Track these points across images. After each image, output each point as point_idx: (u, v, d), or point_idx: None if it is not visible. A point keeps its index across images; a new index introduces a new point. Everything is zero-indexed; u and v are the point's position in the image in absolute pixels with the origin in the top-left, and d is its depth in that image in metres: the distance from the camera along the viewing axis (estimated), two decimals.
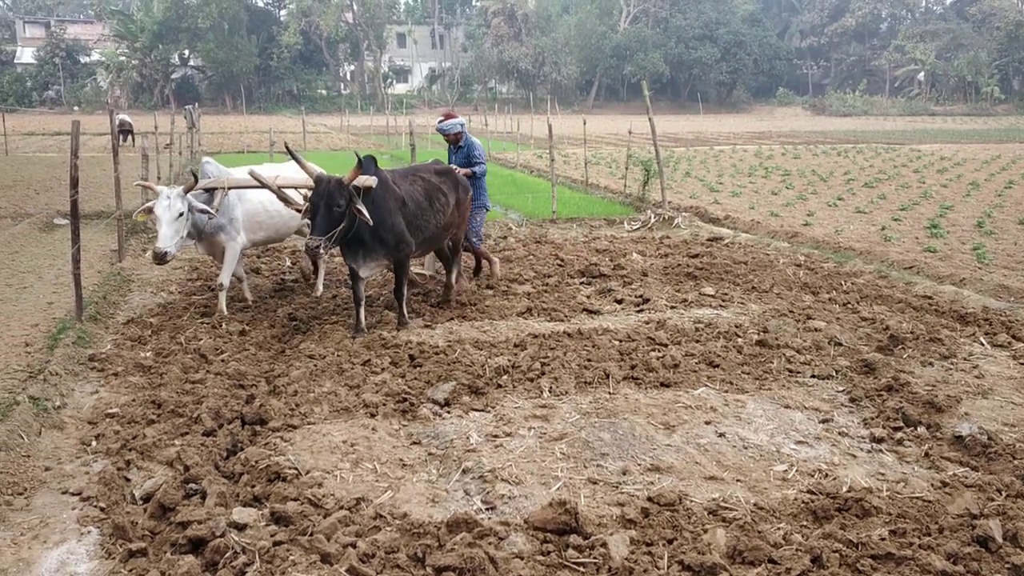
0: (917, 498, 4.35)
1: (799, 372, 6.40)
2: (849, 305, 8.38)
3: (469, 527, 3.94)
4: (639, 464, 4.78)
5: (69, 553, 3.91)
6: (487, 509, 4.29)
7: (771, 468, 4.76)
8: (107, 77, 71.15)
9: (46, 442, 5.12)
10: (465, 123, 9.29)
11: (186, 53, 72.62)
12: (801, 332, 7.35)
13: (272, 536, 3.89)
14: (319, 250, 6.59)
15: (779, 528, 4.03)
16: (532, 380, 6.13)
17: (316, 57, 76.16)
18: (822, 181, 20.46)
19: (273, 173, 7.78)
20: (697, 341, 7.11)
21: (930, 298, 8.63)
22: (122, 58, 70.28)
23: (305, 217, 7.08)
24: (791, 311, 8.06)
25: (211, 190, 7.63)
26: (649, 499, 4.31)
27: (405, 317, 7.61)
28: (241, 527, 3.97)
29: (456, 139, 9.12)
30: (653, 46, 76.16)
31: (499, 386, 6.03)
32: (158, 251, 7.13)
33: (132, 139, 27.64)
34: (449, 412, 5.59)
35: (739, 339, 7.14)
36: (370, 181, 6.87)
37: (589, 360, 6.52)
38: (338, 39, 74.53)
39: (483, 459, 4.82)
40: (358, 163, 6.77)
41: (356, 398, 5.71)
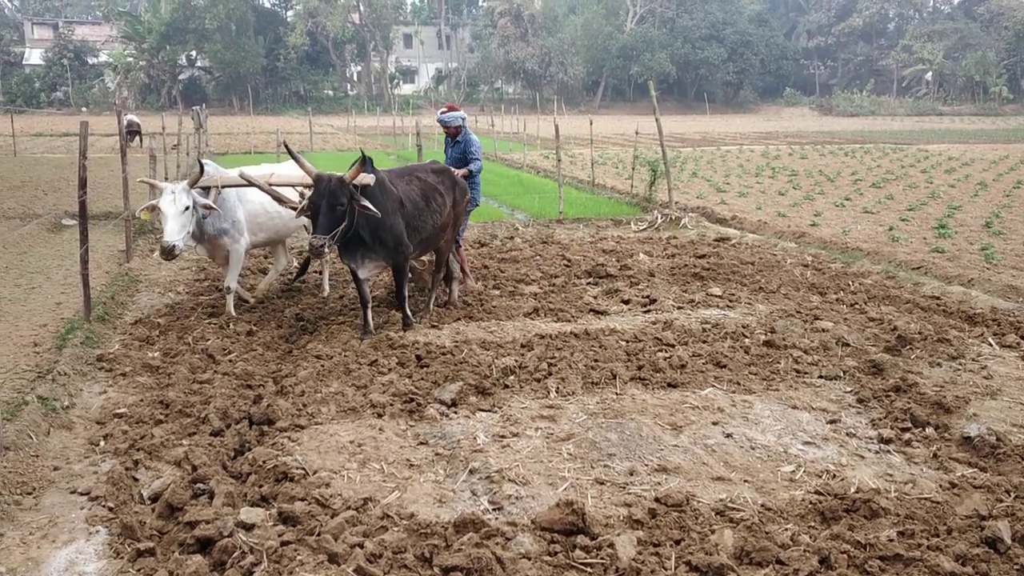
0: (925, 499, 4.34)
1: (806, 373, 6.39)
2: (857, 306, 8.36)
3: (476, 527, 3.94)
4: (646, 465, 4.77)
5: (78, 552, 3.92)
6: (494, 509, 4.29)
7: (779, 469, 4.76)
8: (115, 78, 71.38)
9: (55, 442, 5.14)
10: (467, 117, 9.24)
11: (193, 54, 72.80)
12: (808, 333, 7.33)
13: (280, 536, 3.90)
14: (324, 249, 6.58)
15: (787, 529, 4.02)
16: (539, 380, 6.13)
17: (323, 58, 76.28)
18: (829, 181, 20.41)
19: (267, 172, 7.78)
20: (704, 341, 7.10)
21: (938, 298, 8.60)
22: (130, 59, 70.52)
23: (302, 215, 7.08)
24: (798, 312, 8.04)
25: (207, 189, 7.62)
26: (656, 500, 4.31)
27: (410, 318, 7.61)
28: (249, 527, 3.98)
29: (456, 132, 9.07)
30: (660, 46, 76.07)
31: (506, 386, 6.03)
32: (166, 245, 7.11)
33: (140, 140, 27.71)
34: (456, 412, 5.59)
35: (746, 339, 7.13)
36: (368, 179, 6.85)
37: (596, 360, 6.51)
38: (345, 40, 74.65)
39: (490, 459, 4.83)
40: (360, 160, 6.76)
41: (363, 398, 5.72)
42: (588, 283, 9.54)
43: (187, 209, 7.27)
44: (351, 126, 46.72)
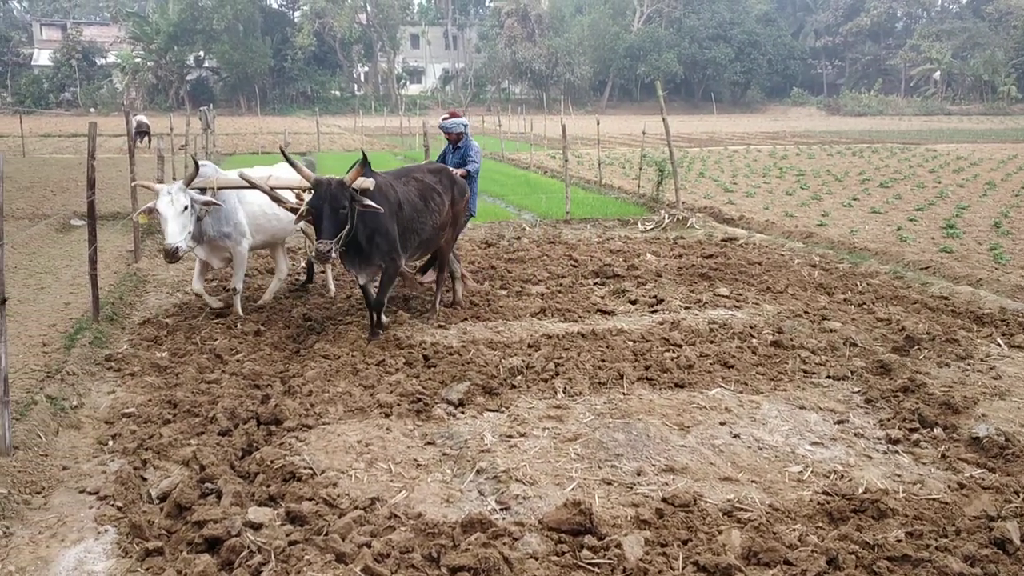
0: (934, 500, 4.33)
1: (814, 373, 6.38)
2: (864, 306, 8.34)
3: (483, 527, 3.94)
4: (653, 465, 4.77)
5: (86, 552, 3.94)
6: (501, 509, 4.30)
7: (786, 469, 4.75)
8: (123, 79, 71.61)
9: (63, 441, 5.16)
10: (468, 124, 9.24)
11: (201, 55, 72.97)
12: (816, 333, 7.32)
13: (287, 536, 3.91)
14: (330, 254, 6.49)
15: (794, 529, 4.01)
16: (546, 381, 6.13)
17: (330, 58, 76.39)
18: (837, 181, 20.35)
19: (265, 174, 7.73)
20: (711, 342, 7.09)
21: (946, 299, 8.58)
22: (137, 60, 70.74)
23: (301, 220, 6.97)
24: (806, 312, 8.02)
25: (203, 190, 7.50)
26: (664, 500, 4.31)
27: (380, 326, 7.29)
28: (256, 526, 3.99)
29: (457, 139, 9.08)
30: (667, 46, 75.96)
31: (513, 387, 6.03)
32: (168, 248, 6.99)
33: (148, 140, 27.83)
34: (463, 412, 5.60)
35: (754, 340, 7.12)
36: (368, 183, 6.76)
37: (603, 361, 6.51)
38: (352, 40, 74.71)
39: (497, 459, 4.83)
40: (361, 162, 6.68)
41: (371, 398, 5.73)
42: (595, 283, 9.53)
43: (186, 209, 7.15)
44: (358, 126, 46.74)
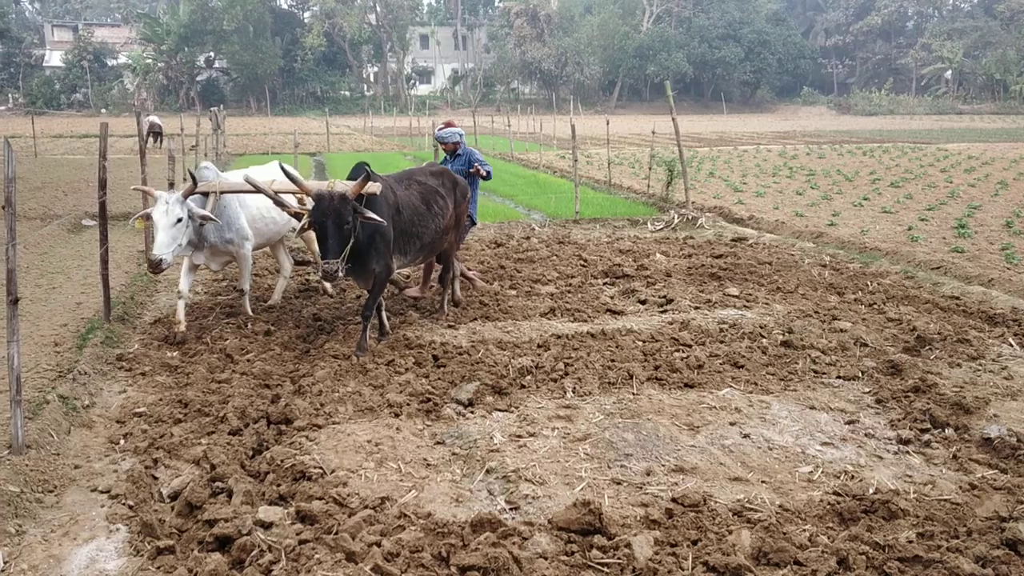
0: (945, 500, 4.31)
1: (824, 373, 6.36)
2: (875, 306, 8.30)
3: (493, 527, 3.95)
4: (663, 465, 4.77)
5: (98, 550, 3.96)
6: (511, 509, 4.30)
7: (796, 469, 4.74)
8: (134, 80, 72.01)
9: (75, 440, 5.19)
10: (464, 133, 9.20)
11: (211, 55, 73.27)
12: (826, 333, 7.30)
13: (298, 535, 3.92)
14: (338, 274, 6.24)
15: (805, 530, 4.00)
16: (555, 380, 6.13)
17: (339, 59, 76.57)
18: (847, 181, 20.28)
19: (267, 177, 7.69)
20: (721, 342, 7.08)
21: (958, 299, 8.54)
22: (148, 61, 71.08)
23: (302, 230, 6.79)
24: (816, 312, 8.00)
25: (206, 194, 7.38)
26: (673, 500, 4.30)
27: (366, 341, 6.86)
28: (267, 525, 4.01)
29: (454, 148, 9.01)
30: (676, 46, 75.82)
31: (522, 386, 6.04)
32: (153, 259, 6.78)
33: (160, 141, 27.98)
34: (473, 412, 5.61)
35: (764, 340, 7.10)
36: (375, 187, 6.59)
37: (613, 361, 6.51)
38: (361, 41, 74.86)
39: (507, 459, 4.83)
40: (364, 177, 6.42)
41: (380, 398, 5.74)
42: (605, 283, 9.53)
43: (179, 221, 6.95)
44: (368, 127, 46.84)
